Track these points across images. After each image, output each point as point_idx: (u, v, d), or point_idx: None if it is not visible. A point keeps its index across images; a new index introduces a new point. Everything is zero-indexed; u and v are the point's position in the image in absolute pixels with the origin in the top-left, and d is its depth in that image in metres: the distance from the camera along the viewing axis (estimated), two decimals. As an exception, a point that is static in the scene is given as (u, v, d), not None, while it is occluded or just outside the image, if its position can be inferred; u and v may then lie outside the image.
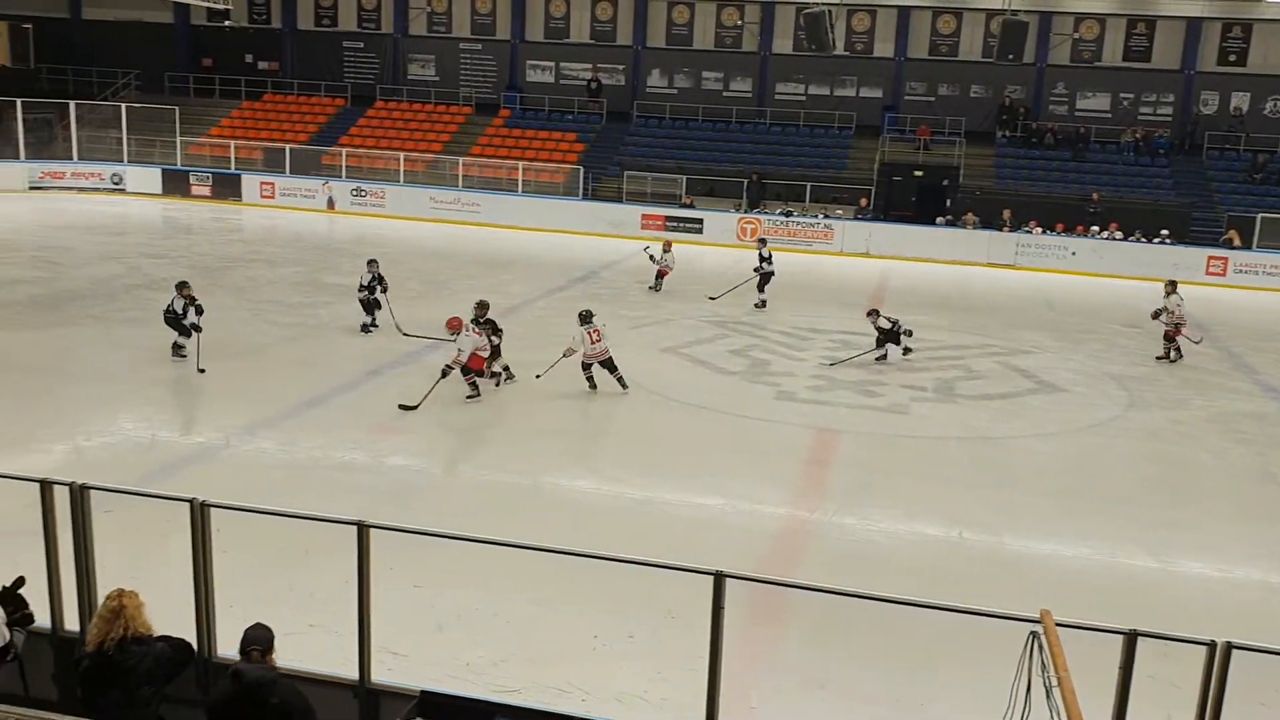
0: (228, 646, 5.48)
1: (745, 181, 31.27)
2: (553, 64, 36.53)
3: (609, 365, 13.31)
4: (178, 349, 13.88)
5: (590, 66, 36.20)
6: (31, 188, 31.68)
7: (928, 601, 4.64)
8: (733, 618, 4.87)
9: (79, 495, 5.45)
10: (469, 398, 12.71)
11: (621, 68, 36.13)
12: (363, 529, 5.11)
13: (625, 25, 35.84)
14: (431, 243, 27.02)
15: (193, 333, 13.71)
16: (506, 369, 13.65)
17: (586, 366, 13.37)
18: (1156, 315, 17.10)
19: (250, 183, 32.39)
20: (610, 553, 5.01)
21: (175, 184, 32.61)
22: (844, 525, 9.68)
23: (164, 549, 6.99)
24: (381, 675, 5.39)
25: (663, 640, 7.13)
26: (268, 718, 4.99)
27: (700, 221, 30.12)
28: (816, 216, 29.96)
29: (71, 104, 33.42)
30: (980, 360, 16.76)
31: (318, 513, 5.26)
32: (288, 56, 37.83)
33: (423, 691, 5.24)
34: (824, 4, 24.87)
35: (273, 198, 32.09)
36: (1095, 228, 28.78)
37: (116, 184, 32.72)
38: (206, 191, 32.46)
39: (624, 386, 13.37)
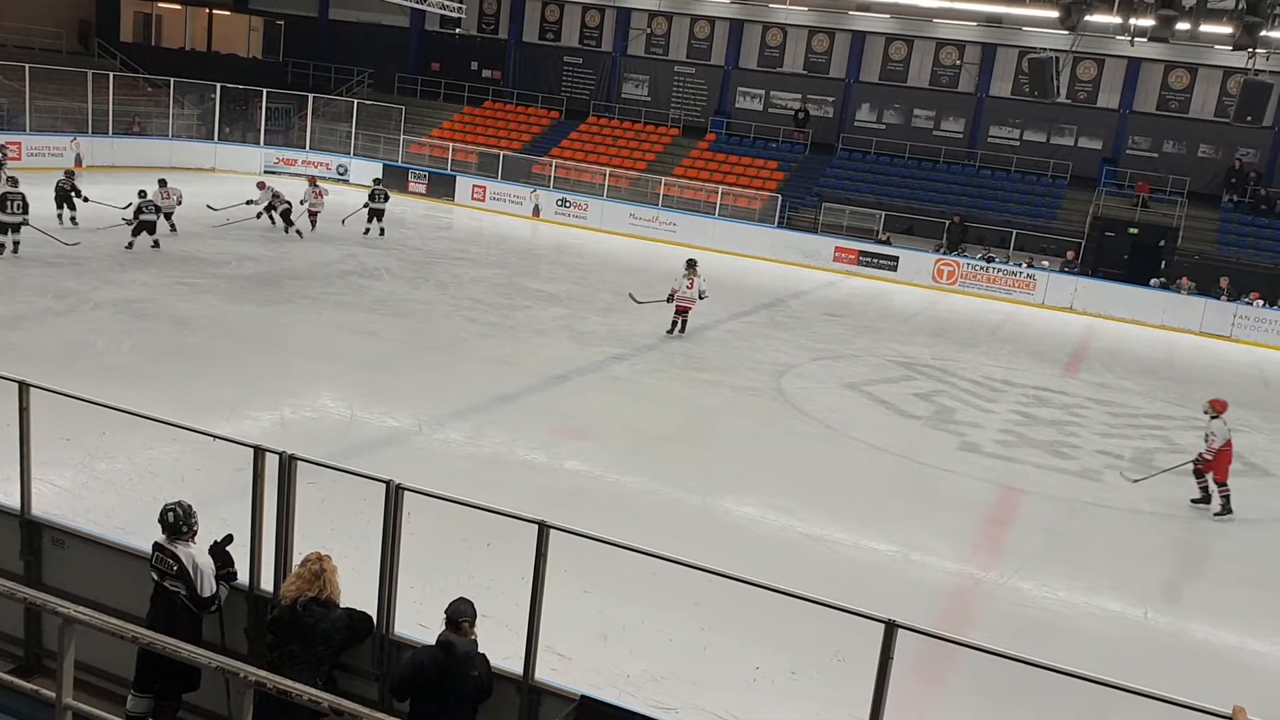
0: (405, 625, 5.74)
1: (947, 223, 30.55)
2: (763, 92, 36.67)
3: (288, 216, 23.03)
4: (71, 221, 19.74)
5: (800, 97, 36.17)
6: (266, 171, 33.97)
7: (1117, 682, 4.37)
8: (896, 670, 4.78)
9: (287, 464, 5.74)
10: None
11: (831, 100, 35.94)
12: (543, 528, 5.21)
13: (840, 58, 35.64)
14: (625, 257, 27.53)
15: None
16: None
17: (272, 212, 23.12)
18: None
19: (463, 184, 33.84)
20: (778, 585, 4.95)
21: (394, 179, 34.31)
22: (1020, 589, 9.32)
23: (353, 524, 7.39)
24: (544, 674, 5.48)
25: (825, 681, 7.04)
26: (464, 689, 5.21)
27: (895, 259, 29.60)
28: (1019, 265, 28.98)
29: (310, 97, 35.78)
30: (1183, 434, 15.80)
31: (504, 507, 5.40)
32: (510, 67, 39.33)
33: (583, 696, 5.33)
34: (1052, 50, 24.07)
35: (483, 200, 33.42)
36: (1327, 306, 26.74)
37: (341, 174, 34.76)
38: (422, 189, 34.09)
39: (288, 225, 22.93)
